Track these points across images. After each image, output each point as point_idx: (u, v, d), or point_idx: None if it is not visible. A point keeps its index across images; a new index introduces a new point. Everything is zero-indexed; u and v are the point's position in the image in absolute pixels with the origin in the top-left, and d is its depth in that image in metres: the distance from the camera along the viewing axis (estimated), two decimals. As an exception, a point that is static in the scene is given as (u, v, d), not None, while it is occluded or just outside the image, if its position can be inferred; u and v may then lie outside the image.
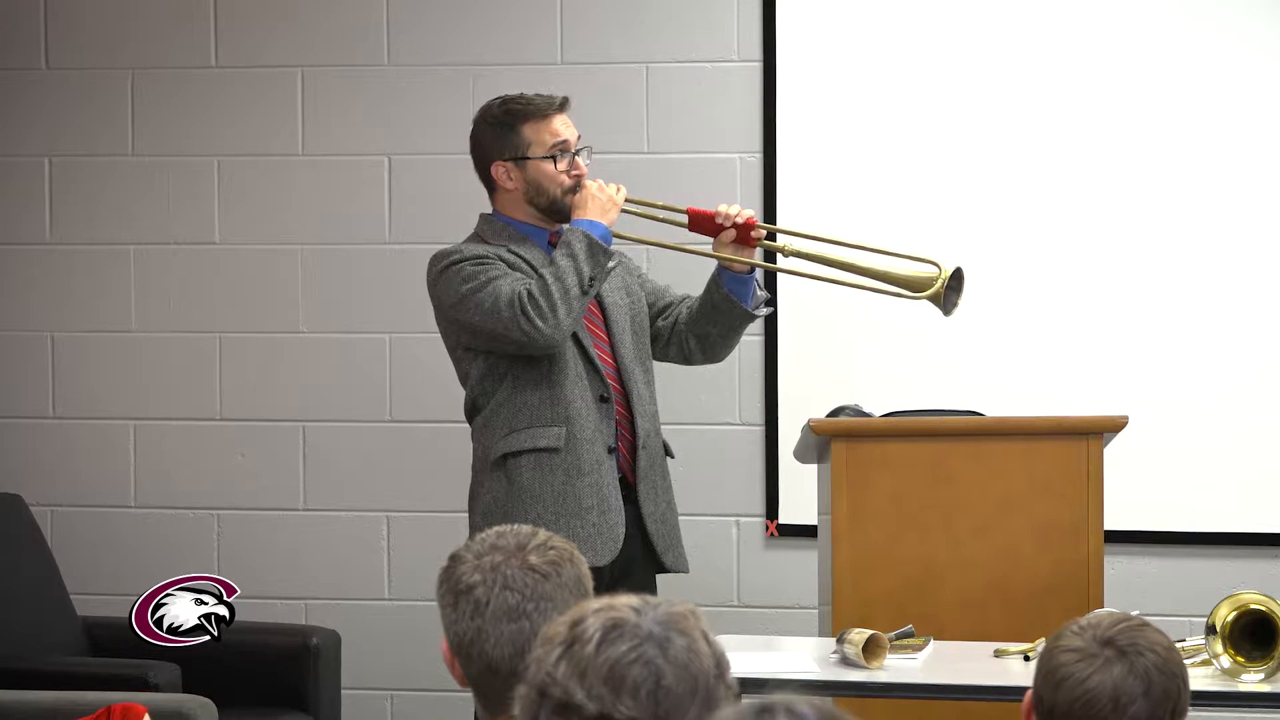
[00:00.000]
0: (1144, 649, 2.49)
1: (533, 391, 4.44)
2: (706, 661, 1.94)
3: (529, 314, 4.33)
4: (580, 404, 4.43)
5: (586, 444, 4.42)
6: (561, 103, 4.54)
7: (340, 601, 5.84)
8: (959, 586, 4.30)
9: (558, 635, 1.95)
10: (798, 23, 5.64)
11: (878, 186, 5.61)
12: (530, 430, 4.44)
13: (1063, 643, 2.53)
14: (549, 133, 4.49)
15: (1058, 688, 2.50)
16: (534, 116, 4.50)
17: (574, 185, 4.48)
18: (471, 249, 4.49)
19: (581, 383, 4.44)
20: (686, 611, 1.97)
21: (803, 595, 5.51)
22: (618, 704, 1.89)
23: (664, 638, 1.93)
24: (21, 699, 4.79)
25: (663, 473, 4.56)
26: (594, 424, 4.43)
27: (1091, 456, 4.34)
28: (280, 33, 5.88)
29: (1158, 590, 5.49)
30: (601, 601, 1.98)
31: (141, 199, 5.94)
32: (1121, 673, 2.47)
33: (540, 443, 4.42)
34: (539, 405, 4.44)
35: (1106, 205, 5.53)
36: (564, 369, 4.43)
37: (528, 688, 1.95)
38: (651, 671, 1.91)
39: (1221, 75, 5.50)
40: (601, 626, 1.93)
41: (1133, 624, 2.53)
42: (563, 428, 4.41)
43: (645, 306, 4.65)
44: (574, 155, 4.49)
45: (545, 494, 4.40)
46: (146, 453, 5.94)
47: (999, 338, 5.56)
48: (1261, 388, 5.49)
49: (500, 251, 4.48)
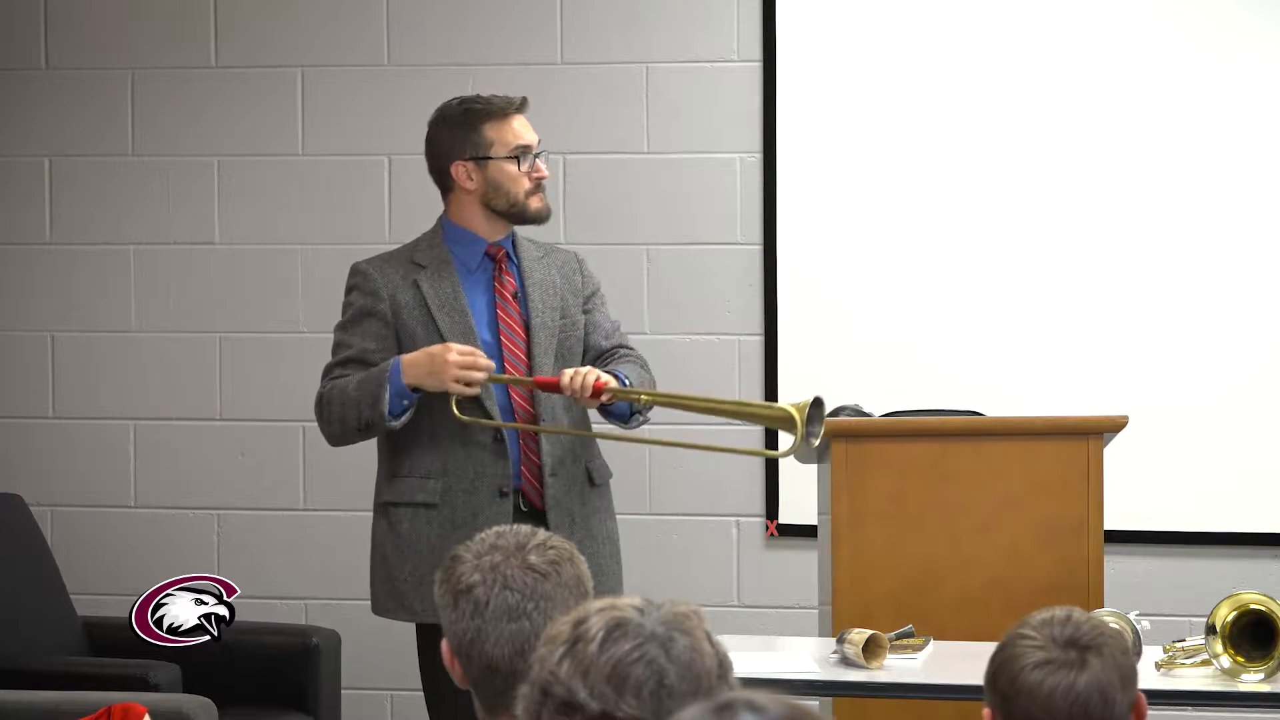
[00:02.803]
0: (1100, 640, 2.54)
1: (413, 439, 4.40)
2: (709, 661, 1.95)
3: (318, 411, 4.45)
4: (460, 453, 4.35)
5: (464, 495, 4.34)
6: (521, 103, 4.50)
7: (340, 601, 5.84)
8: (959, 586, 4.30)
9: (561, 635, 1.96)
10: (798, 23, 5.64)
11: (878, 186, 5.61)
12: (408, 480, 4.40)
13: (1025, 661, 2.54)
14: (511, 133, 4.45)
15: (1046, 701, 2.51)
16: (495, 116, 4.46)
17: (535, 187, 4.44)
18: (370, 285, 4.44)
19: (465, 431, 4.34)
20: (689, 612, 1.98)
21: (803, 595, 5.51)
22: (620, 703, 1.90)
23: (667, 637, 1.94)
24: (21, 699, 4.79)
25: (583, 499, 4.43)
26: (474, 472, 4.34)
27: (1091, 456, 4.34)
28: (280, 33, 5.88)
29: (1158, 590, 5.49)
30: (604, 601, 1.98)
31: (141, 199, 5.94)
32: (1098, 668, 2.52)
33: (417, 497, 4.38)
34: (418, 454, 4.39)
35: (1106, 205, 5.54)
36: (443, 419, 4.34)
37: (530, 687, 1.95)
38: (654, 671, 1.91)
39: (1221, 76, 5.50)
40: (605, 626, 1.94)
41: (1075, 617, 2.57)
42: (439, 480, 4.36)
43: (581, 330, 4.52)
44: (535, 157, 4.45)
45: (422, 546, 4.36)
46: (146, 453, 5.94)
47: (999, 338, 5.56)
48: (1261, 388, 5.49)
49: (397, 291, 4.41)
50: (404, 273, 4.45)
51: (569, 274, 4.55)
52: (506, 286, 4.47)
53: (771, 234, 5.65)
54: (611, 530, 4.52)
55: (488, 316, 4.45)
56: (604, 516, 4.49)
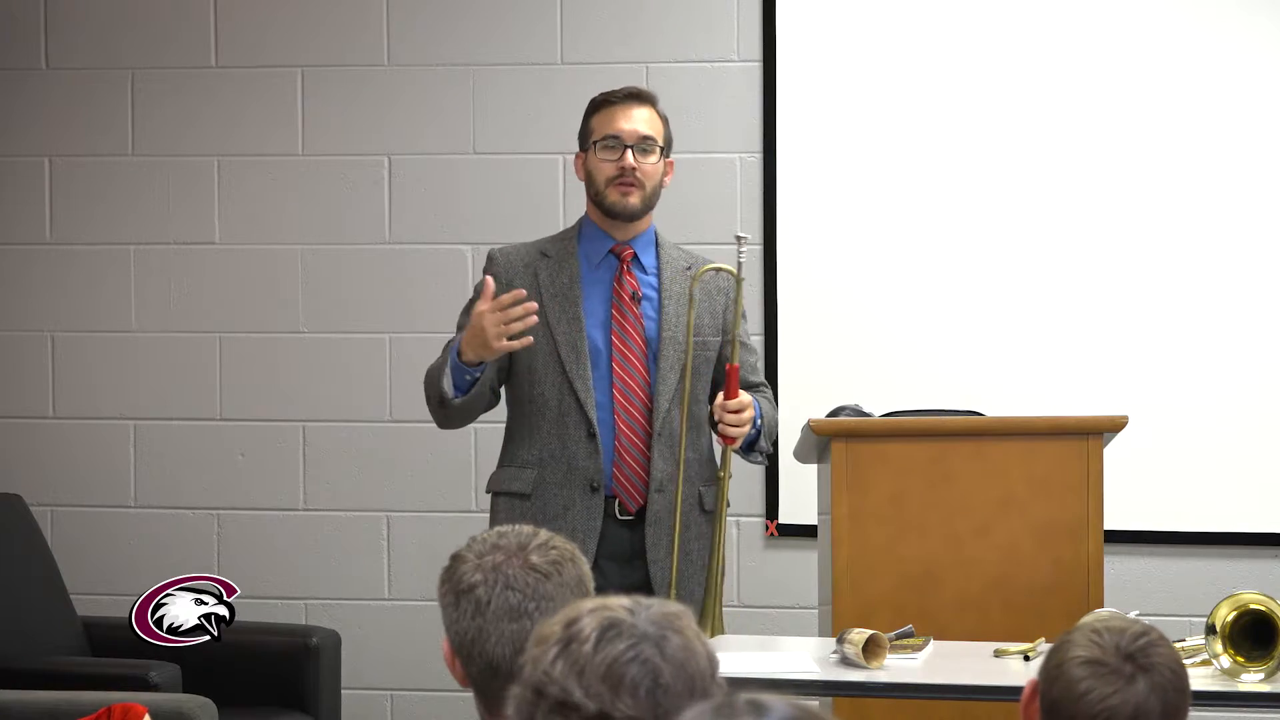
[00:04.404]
0: (1161, 666, 2.51)
1: (518, 428, 4.39)
2: (701, 661, 1.96)
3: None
4: (555, 444, 4.32)
5: (556, 487, 4.31)
6: (629, 95, 4.38)
7: (340, 601, 5.84)
8: (959, 586, 4.30)
9: (552, 635, 1.96)
10: (798, 23, 5.64)
11: (878, 186, 5.61)
12: (508, 469, 4.39)
13: (1079, 652, 2.53)
14: (607, 123, 4.35)
15: (1078, 700, 2.50)
16: (602, 107, 4.39)
17: (615, 175, 4.32)
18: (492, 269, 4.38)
19: (562, 421, 4.31)
20: (679, 611, 1.99)
21: (803, 595, 5.51)
22: (617, 702, 1.90)
23: (660, 636, 1.94)
24: (21, 699, 4.79)
25: (688, 522, 4.32)
26: (567, 466, 4.31)
27: (1091, 456, 4.33)
28: (280, 33, 5.88)
29: (1158, 590, 5.50)
30: (595, 601, 1.98)
31: (141, 199, 5.94)
32: (1143, 691, 2.49)
33: (513, 486, 4.36)
34: (521, 444, 4.38)
35: (1106, 205, 5.54)
36: (543, 408, 4.33)
37: (523, 687, 1.95)
38: (649, 670, 1.92)
39: (1221, 76, 5.50)
40: (598, 626, 1.94)
41: (1151, 638, 2.55)
42: (535, 470, 4.34)
43: (714, 354, 4.38)
44: (628, 148, 4.32)
45: None
46: (146, 453, 5.94)
47: (999, 338, 5.56)
48: (1261, 388, 5.49)
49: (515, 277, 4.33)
50: (528, 261, 4.40)
51: (713, 293, 4.41)
52: (625, 289, 4.37)
53: (771, 234, 5.65)
54: None
55: (602, 316, 4.36)
56: (708, 544, 4.37)
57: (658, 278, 4.39)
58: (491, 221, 5.73)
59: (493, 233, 5.61)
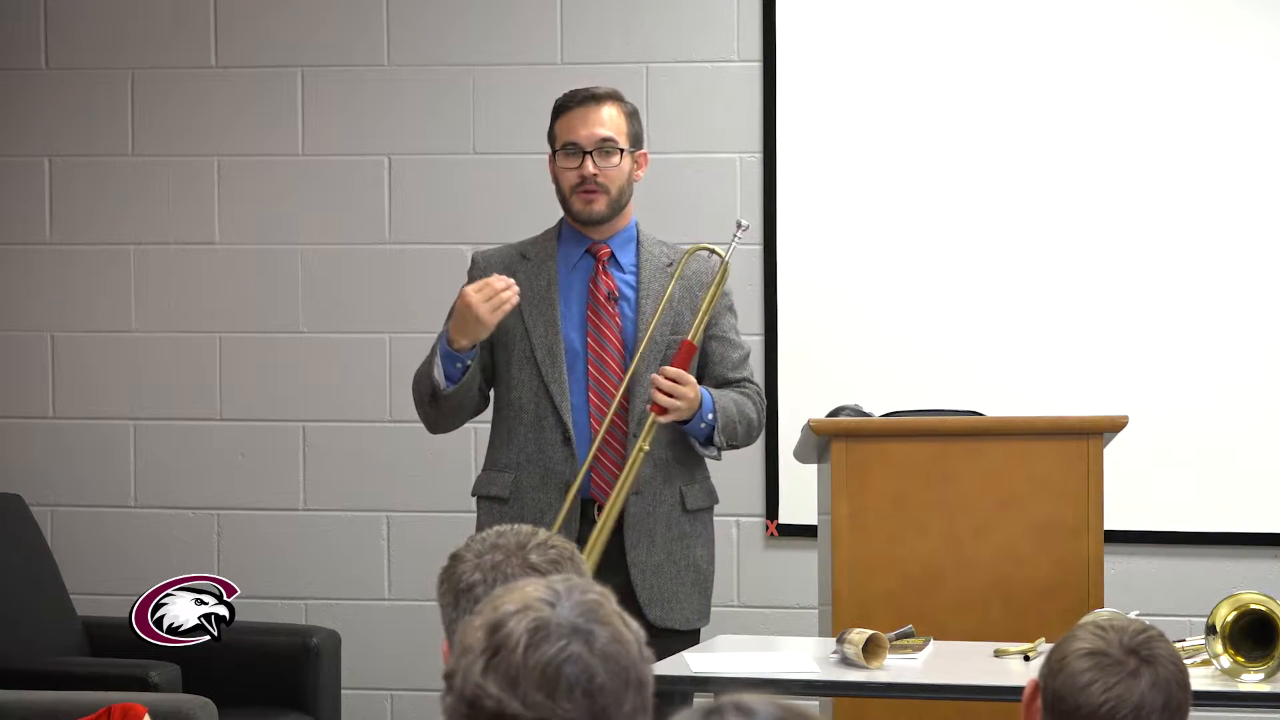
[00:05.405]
0: (1164, 660, 2.52)
1: (498, 432, 4.39)
2: (631, 649, 1.90)
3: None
4: (532, 448, 4.31)
5: (532, 491, 4.30)
6: (586, 97, 4.34)
7: (340, 601, 5.84)
8: (959, 586, 4.30)
9: (477, 644, 1.89)
10: (798, 23, 5.64)
11: (878, 186, 5.61)
12: (489, 474, 4.39)
13: (1083, 644, 2.53)
14: (565, 128, 4.32)
15: (1081, 692, 2.50)
16: (561, 111, 4.36)
17: (577, 183, 4.29)
18: (475, 272, 4.37)
19: (539, 425, 4.30)
20: (599, 598, 1.92)
21: (803, 595, 5.51)
22: (556, 708, 1.85)
23: (588, 631, 1.88)
24: (21, 699, 4.79)
25: (669, 523, 4.32)
26: (544, 469, 4.29)
27: (1091, 456, 4.33)
28: (280, 33, 5.88)
29: (1158, 590, 5.49)
30: (514, 596, 1.90)
31: (141, 199, 5.94)
32: (1147, 684, 2.49)
33: (492, 490, 4.36)
34: (500, 448, 4.37)
35: (1106, 205, 5.54)
36: (520, 411, 4.32)
37: (455, 699, 1.89)
38: (583, 669, 1.86)
39: (1220, 76, 5.50)
40: (525, 630, 1.87)
41: (1152, 634, 2.55)
42: (511, 474, 4.33)
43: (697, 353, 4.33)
44: (587, 155, 4.28)
45: None
46: (146, 453, 5.94)
47: (999, 338, 5.56)
48: (1261, 388, 5.49)
49: (498, 270, 4.31)
50: (508, 264, 4.36)
51: (694, 288, 4.37)
52: (601, 289, 4.35)
53: (771, 234, 5.65)
54: (699, 559, 4.37)
55: (578, 318, 4.34)
56: (691, 543, 4.36)
57: (636, 276, 4.37)
58: (491, 221, 5.72)
59: (493, 233, 5.60)
